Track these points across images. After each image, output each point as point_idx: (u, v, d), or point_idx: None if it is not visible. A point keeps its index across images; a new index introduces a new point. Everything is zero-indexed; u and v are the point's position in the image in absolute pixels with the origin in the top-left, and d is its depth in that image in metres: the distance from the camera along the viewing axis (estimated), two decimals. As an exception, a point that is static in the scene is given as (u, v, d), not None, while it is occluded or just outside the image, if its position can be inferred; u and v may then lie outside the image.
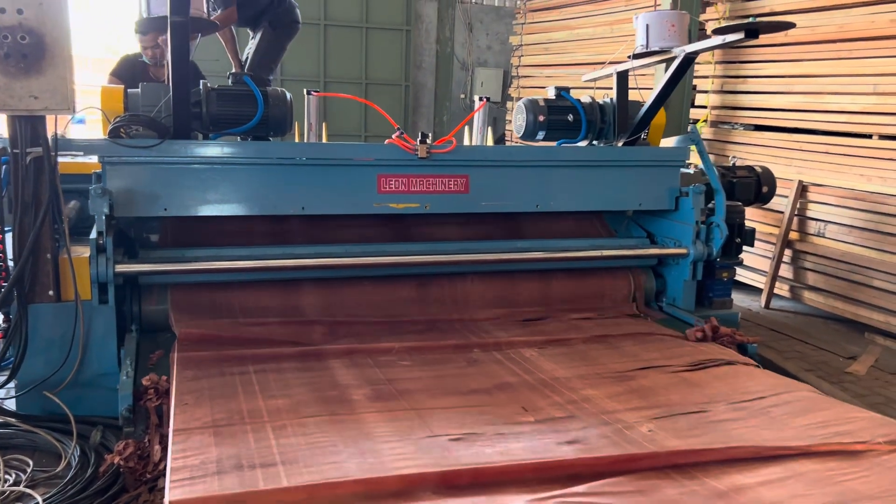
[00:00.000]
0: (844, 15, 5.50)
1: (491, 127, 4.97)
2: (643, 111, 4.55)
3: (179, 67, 3.55)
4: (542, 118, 4.53)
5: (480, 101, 4.76)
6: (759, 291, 6.09)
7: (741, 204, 4.73)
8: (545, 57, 9.25)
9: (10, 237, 3.28)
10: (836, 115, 5.60)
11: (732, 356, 3.60)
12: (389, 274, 4.04)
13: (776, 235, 5.93)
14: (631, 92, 4.68)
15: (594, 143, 4.73)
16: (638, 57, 4.46)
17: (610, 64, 4.78)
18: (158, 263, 3.57)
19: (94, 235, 3.30)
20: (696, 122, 6.82)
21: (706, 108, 6.78)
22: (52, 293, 3.30)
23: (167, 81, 3.63)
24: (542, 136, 4.61)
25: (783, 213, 5.87)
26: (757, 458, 2.51)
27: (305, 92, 4.15)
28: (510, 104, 10.09)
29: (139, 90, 3.75)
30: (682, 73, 4.36)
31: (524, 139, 4.68)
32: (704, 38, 4.22)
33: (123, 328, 3.52)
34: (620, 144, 4.61)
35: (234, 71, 4.22)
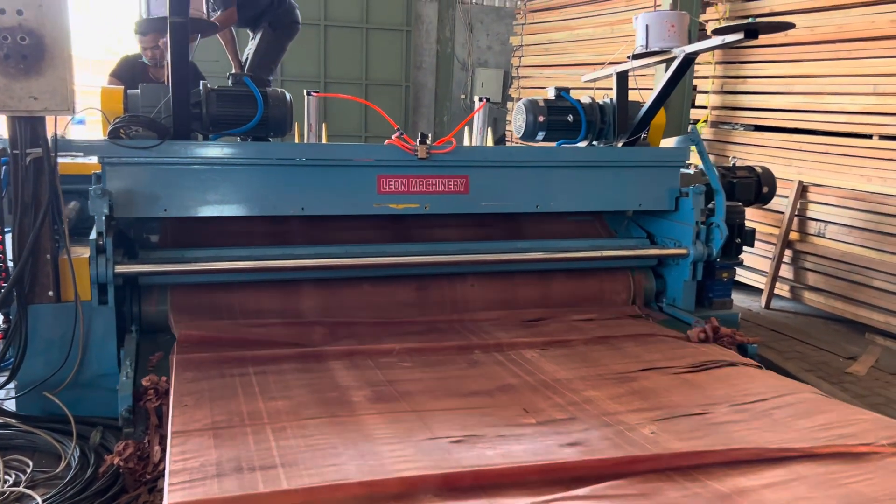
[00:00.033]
0: (844, 15, 5.50)
1: (491, 127, 4.97)
2: (643, 111, 4.55)
3: (179, 68, 3.56)
4: (541, 119, 4.53)
5: (480, 101, 4.76)
6: (759, 292, 6.08)
7: (741, 204, 4.73)
8: (545, 57, 9.25)
9: (9, 238, 3.28)
10: (836, 115, 5.60)
11: (734, 357, 3.59)
12: (389, 274, 4.04)
13: (776, 236, 5.93)
14: (631, 92, 4.68)
15: (594, 143, 4.73)
16: (638, 57, 4.46)
17: (610, 64, 4.78)
18: (158, 264, 3.57)
19: (93, 236, 3.30)
20: (696, 122, 6.82)
21: (706, 108, 6.78)
22: (51, 294, 3.30)
23: (167, 82, 3.62)
24: (541, 136, 4.61)
25: (783, 213, 5.87)
26: (760, 460, 2.49)
27: (305, 93, 4.15)
28: (510, 105, 10.09)
29: (139, 91, 3.76)
30: (681, 73, 4.36)
31: (524, 140, 4.69)
32: (704, 38, 4.22)
33: (123, 329, 3.52)
34: (620, 145, 4.61)
35: (233, 72, 4.21)
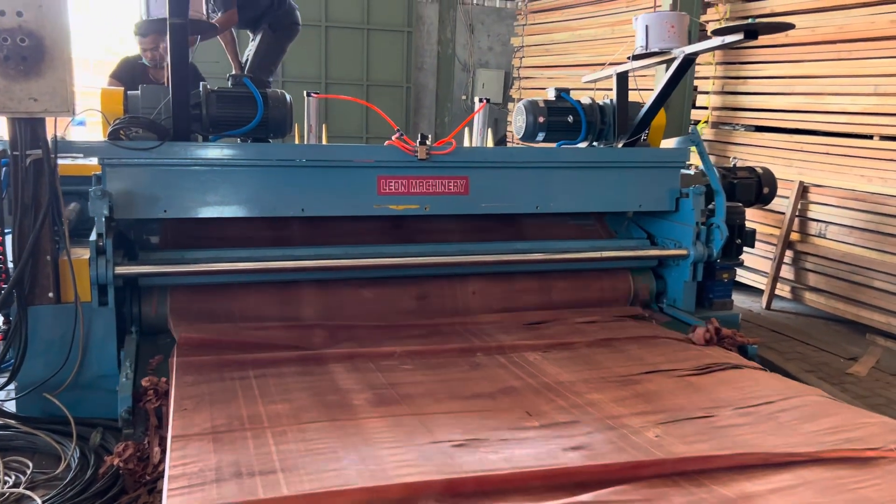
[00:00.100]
0: (845, 16, 5.49)
1: (492, 128, 4.97)
2: (643, 112, 4.55)
3: (179, 69, 3.56)
4: (541, 119, 4.53)
5: (481, 102, 4.76)
6: (760, 292, 6.08)
7: (742, 205, 4.73)
8: (546, 58, 9.25)
9: (10, 239, 3.29)
10: (836, 115, 5.59)
11: (738, 360, 3.57)
12: (389, 275, 4.03)
13: (777, 236, 5.93)
14: (631, 93, 4.68)
15: (594, 144, 4.73)
16: (637, 58, 4.46)
17: (610, 65, 4.78)
18: (158, 265, 3.58)
19: (93, 237, 3.30)
20: (696, 123, 6.82)
21: (707, 108, 6.78)
22: (51, 295, 3.30)
23: (167, 83, 3.63)
24: (542, 137, 4.61)
25: (784, 214, 5.86)
26: (766, 465, 2.46)
27: (305, 94, 4.15)
28: (511, 105, 10.10)
29: (139, 92, 3.76)
30: (681, 74, 4.36)
31: (524, 140, 4.68)
32: (705, 38, 4.22)
33: (123, 330, 3.52)
34: (620, 146, 4.60)
35: (233, 73, 4.21)
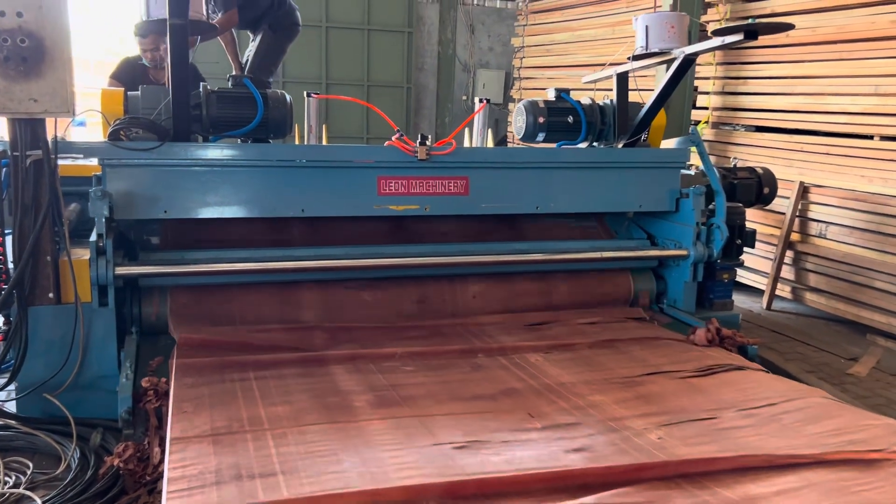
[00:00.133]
0: (845, 16, 5.49)
1: (492, 129, 4.97)
2: (643, 112, 4.55)
3: (179, 70, 3.56)
4: (542, 120, 4.53)
5: (481, 102, 4.76)
6: (760, 293, 6.08)
7: (742, 205, 4.72)
8: (547, 58, 9.25)
9: (10, 240, 3.29)
10: (837, 116, 5.59)
11: (741, 361, 3.55)
12: (390, 276, 4.03)
13: (777, 237, 5.92)
14: (631, 93, 4.68)
15: (594, 144, 4.73)
16: (637, 58, 4.46)
17: (610, 65, 4.78)
18: (158, 266, 3.58)
19: (94, 238, 3.30)
20: (697, 123, 6.82)
21: (707, 109, 6.78)
22: (52, 295, 3.31)
23: (167, 84, 3.63)
24: (542, 137, 4.61)
25: (784, 214, 5.86)
26: (770, 466, 2.45)
27: (305, 94, 4.16)
28: (512, 106, 10.10)
29: (139, 93, 3.76)
30: (681, 74, 4.36)
31: (524, 141, 4.68)
32: (705, 39, 4.22)
33: (123, 330, 3.52)
34: (620, 146, 4.60)
35: (233, 73, 4.21)
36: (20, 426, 3.16)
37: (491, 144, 5.04)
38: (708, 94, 6.76)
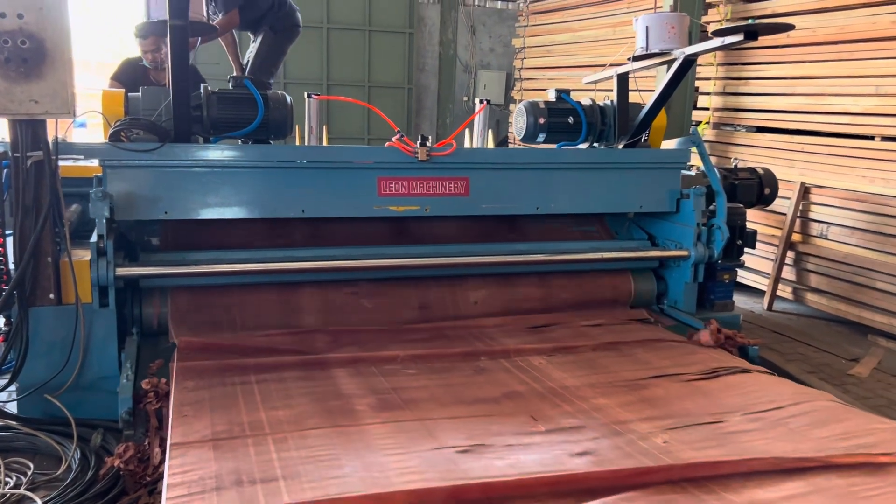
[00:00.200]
0: (846, 16, 5.49)
1: (493, 130, 4.97)
2: (643, 113, 4.55)
3: (180, 71, 3.56)
4: (542, 121, 4.53)
5: (481, 103, 4.76)
6: (761, 293, 6.07)
7: (743, 206, 4.72)
8: (548, 59, 9.25)
9: (11, 241, 3.29)
10: (838, 116, 5.58)
11: (746, 364, 3.53)
12: (390, 277, 4.03)
13: (778, 237, 5.92)
14: (632, 94, 4.68)
15: (595, 145, 4.73)
16: (638, 59, 4.46)
17: (610, 66, 4.78)
18: (159, 266, 3.58)
19: (94, 239, 3.31)
20: (697, 123, 6.81)
21: (708, 109, 6.77)
22: (52, 296, 3.31)
23: (168, 85, 3.64)
24: (542, 138, 4.60)
25: (785, 214, 5.85)
26: (777, 471, 2.41)
27: (306, 95, 4.16)
28: (513, 107, 10.10)
29: (140, 94, 3.77)
30: (682, 75, 4.35)
31: (525, 142, 4.68)
32: (706, 39, 4.22)
33: (124, 331, 3.52)
34: (621, 147, 4.60)
35: (234, 74, 4.22)
36: (21, 427, 3.16)
37: (491, 145, 5.04)
38: (709, 94, 6.75)
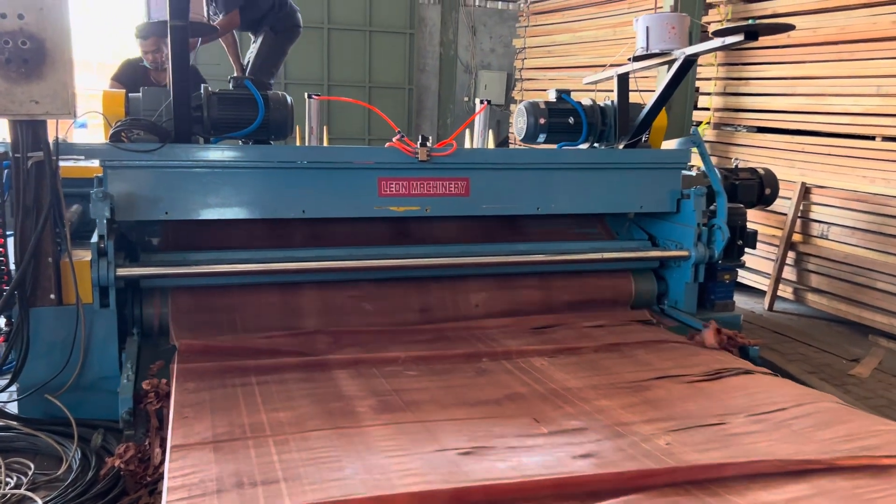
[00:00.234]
0: (846, 17, 5.49)
1: (493, 130, 4.97)
2: (644, 113, 4.55)
3: (180, 72, 3.57)
4: (542, 121, 4.53)
5: (482, 104, 4.76)
6: (762, 294, 6.07)
7: (743, 206, 4.72)
8: (548, 60, 9.25)
9: (12, 241, 3.30)
10: (838, 116, 5.58)
11: (748, 365, 3.51)
12: (391, 277, 4.03)
13: (779, 237, 5.92)
14: (632, 94, 4.68)
15: (595, 145, 4.73)
16: (638, 59, 4.46)
17: (610, 66, 4.78)
18: (159, 267, 3.58)
19: (95, 239, 3.31)
20: (698, 124, 6.81)
21: (709, 110, 6.77)
22: (53, 297, 3.31)
23: (168, 86, 3.64)
24: (542, 138, 4.60)
25: (786, 215, 5.85)
26: (781, 473, 2.40)
27: (306, 95, 4.16)
28: (513, 107, 10.09)
29: (140, 94, 3.77)
30: (682, 75, 4.35)
31: (525, 142, 4.69)
32: (707, 40, 4.22)
33: (124, 331, 3.52)
34: (621, 147, 4.60)
35: (234, 75, 4.22)
36: (22, 427, 3.16)
37: (492, 145, 5.04)
38: (709, 94, 6.75)
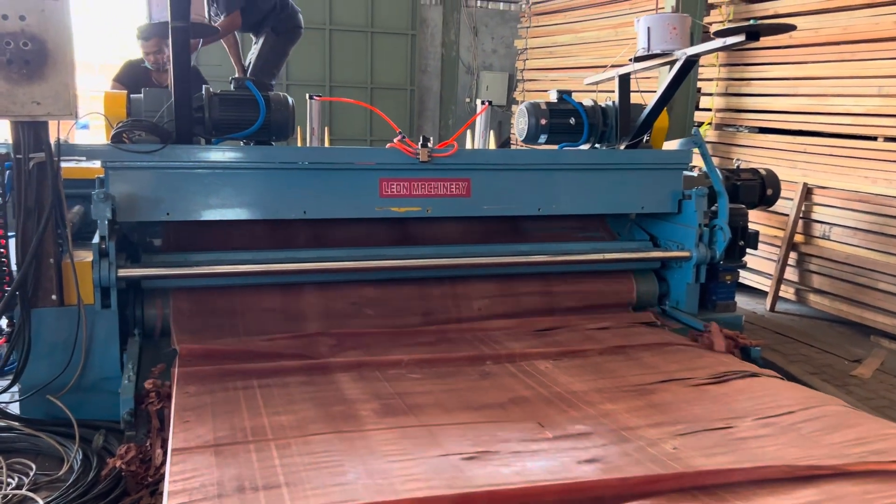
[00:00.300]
0: (848, 17, 5.48)
1: (495, 131, 4.97)
2: (645, 114, 4.54)
3: (181, 73, 3.57)
4: (543, 122, 4.53)
5: (483, 104, 4.76)
6: (764, 294, 6.06)
7: (745, 206, 4.71)
8: (550, 60, 9.26)
9: (13, 242, 3.30)
10: (840, 117, 5.58)
11: (754, 367, 3.48)
12: (391, 278, 4.03)
13: (781, 238, 5.91)
14: (633, 95, 4.68)
15: (596, 146, 4.73)
16: (639, 60, 4.46)
17: (612, 67, 4.78)
18: (161, 268, 3.59)
19: (96, 240, 3.32)
20: (700, 124, 6.81)
21: (710, 110, 6.77)
22: (55, 297, 3.31)
23: (170, 87, 3.64)
24: (544, 139, 4.60)
25: (788, 215, 5.85)
26: (790, 478, 2.36)
27: (308, 96, 4.16)
28: (515, 108, 10.09)
29: (142, 95, 3.77)
30: (683, 75, 4.35)
31: (526, 143, 4.68)
32: (708, 40, 4.21)
33: (126, 332, 3.52)
34: (623, 147, 4.60)
35: (236, 76, 4.23)
36: (23, 428, 3.16)
37: (493, 146, 5.03)
38: (711, 95, 6.75)
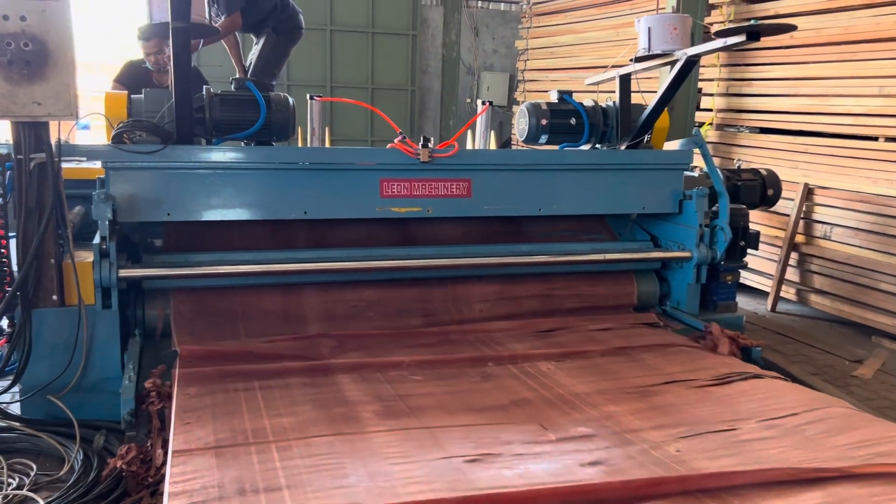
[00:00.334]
0: (849, 17, 5.48)
1: (496, 131, 4.96)
2: (646, 114, 4.54)
3: (182, 73, 3.57)
4: (544, 122, 4.52)
5: (484, 105, 4.76)
6: (765, 295, 6.06)
7: (746, 207, 4.71)
8: (551, 61, 9.26)
9: (14, 242, 3.30)
10: (841, 117, 5.57)
11: (757, 369, 3.47)
12: (392, 278, 4.02)
13: (782, 238, 5.91)
14: (634, 95, 4.68)
15: (597, 146, 4.73)
16: (640, 60, 4.45)
17: (612, 67, 4.78)
18: (162, 268, 3.59)
19: (97, 240, 3.32)
20: (701, 124, 6.81)
21: (711, 110, 6.77)
22: (55, 298, 3.32)
23: (170, 87, 3.64)
24: (544, 139, 4.60)
25: (789, 216, 5.84)
26: (795, 481, 2.35)
27: (308, 97, 4.16)
28: (516, 108, 10.09)
29: (142, 96, 3.78)
30: (684, 76, 4.35)
31: (527, 143, 4.68)
32: (709, 41, 4.21)
33: (126, 333, 3.53)
34: (623, 148, 4.60)
35: (237, 76, 4.23)
36: (24, 428, 3.17)
37: (494, 147, 5.03)
38: (712, 95, 6.75)
